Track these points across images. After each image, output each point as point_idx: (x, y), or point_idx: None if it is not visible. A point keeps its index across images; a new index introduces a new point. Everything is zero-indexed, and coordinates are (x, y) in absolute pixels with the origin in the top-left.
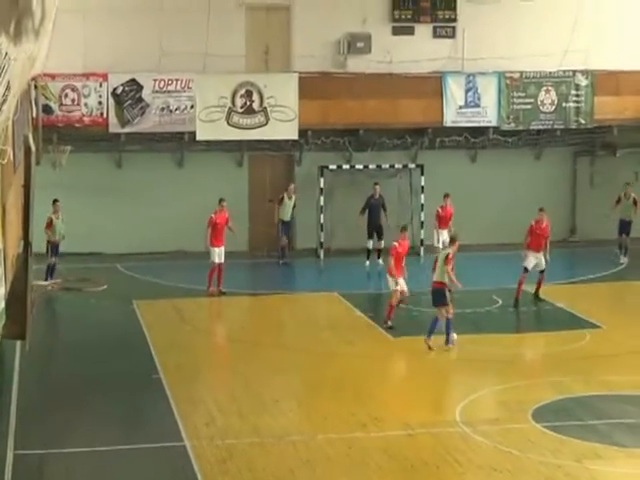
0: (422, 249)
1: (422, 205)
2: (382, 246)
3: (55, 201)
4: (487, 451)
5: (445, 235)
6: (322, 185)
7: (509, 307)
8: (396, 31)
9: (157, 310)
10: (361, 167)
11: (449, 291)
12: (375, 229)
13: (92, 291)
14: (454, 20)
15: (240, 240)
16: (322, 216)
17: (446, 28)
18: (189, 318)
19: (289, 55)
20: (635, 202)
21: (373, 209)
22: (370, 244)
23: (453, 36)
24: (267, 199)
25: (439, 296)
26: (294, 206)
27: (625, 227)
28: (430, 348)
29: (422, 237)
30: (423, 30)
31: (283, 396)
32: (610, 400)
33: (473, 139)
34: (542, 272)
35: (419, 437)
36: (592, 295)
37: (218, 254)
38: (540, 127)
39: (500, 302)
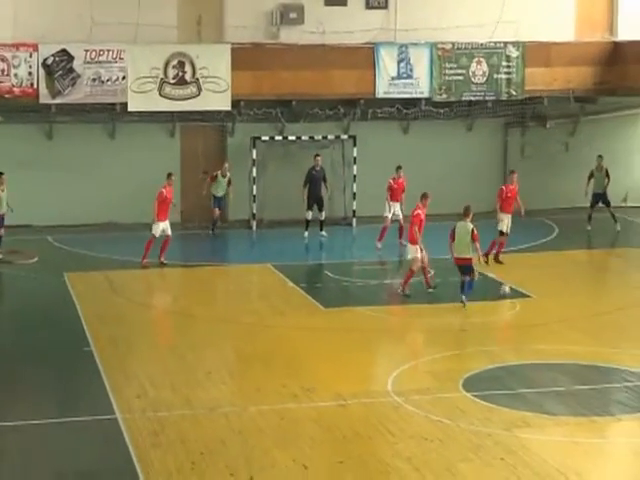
0: (354, 220)
1: (354, 176)
2: (323, 217)
3: (0, 174)
4: (418, 421)
5: (397, 207)
6: (254, 156)
7: (439, 277)
8: (329, 2)
9: (89, 282)
10: (294, 138)
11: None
12: (316, 201)
13: (23, 263)
14: None
15: (173, 210)
16: (254, 187)
17: None
18: (121, 290)
19: (221, 26)
20: (607, 174)
21: (315, 181)
22: (309, 215)
23: (386, 7)
24: (200, 170)
25: (469, 268)
26: (229, 183)
27: (600, 198)
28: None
29: (354, 208)
30: (356, 1)
31: (215, 368)
32: (540, 369)
33: (405, 110)
34: (506, 235)
35: (351, 408)
36: (523, 265)
37: (163, 228)
38: (472, 98)
39: (431, 272)
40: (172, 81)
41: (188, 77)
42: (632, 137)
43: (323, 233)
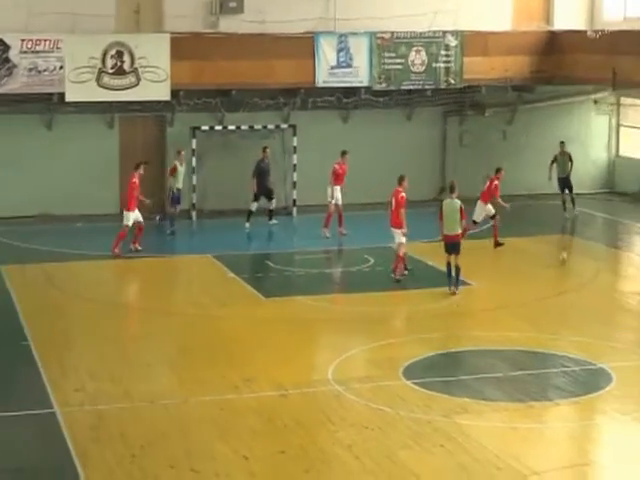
0: (295, 209)
1: (294, 165)
2: (273, 206)
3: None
4: (359, 409)
5: (338, 191)
6: (194, 146)
7: (381, 266)
8: None
9: (25, 275)
10: (233, 128)
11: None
12: (265, 192)
13: None
14: None
15: (111, 202)
16: (195, 177)
17: None
18: (59, 283)
19: (160, 15)
20: (570, 158)
21: (263, 173)
22: (254, 207)
23: None
24: (138, 161)
25: (458, 246)
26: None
27: (565, 182)
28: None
29: (294, 197)
30: None
31: (155, 360)
32: (479, 355)
33: (345, 99)
34: (493, 217)
35: (292, 397)
36: (463, 252)
37: (135, 217)
38: (411, 87)
39: (372, 261)
40: (110, 71)
41: (127, 67)
42: (568, 125)
43: (274, 221)
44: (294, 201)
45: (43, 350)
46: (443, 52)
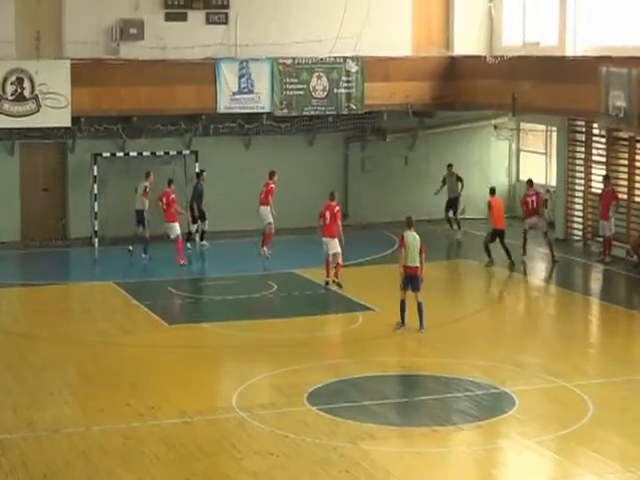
0: (197, 236)
1: None
2: (207, 227)
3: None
4: (264, 436)
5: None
6: (95, 173)
7: (284, 292)
8: (169, 17)
9: None
10: (135, 154)
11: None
12: (201, 214)
13: None
14: (226, 7)
15: (12, 229)
16: (96, 204)
17: (219, 14)
18: None
19: (61, 41)
20: (459, 179)
21: (201, 196)
22: (194, 227)
23: (226, 22)
24: (41, 188)
25: (419, 280)
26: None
27: (454, 203)
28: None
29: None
30: (196, 16)
31: (57, 389)
32: (383, 381)
33: (247, 125)
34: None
35: (196, 425)
36: (364, 278)
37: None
38: (313, 113)
39: (275, 287)
40: (10, 97)
41: (27, 93)
42: (469, 151)
43: (205, 243)
44: (197, 227)
45: None
46: (344, 78)
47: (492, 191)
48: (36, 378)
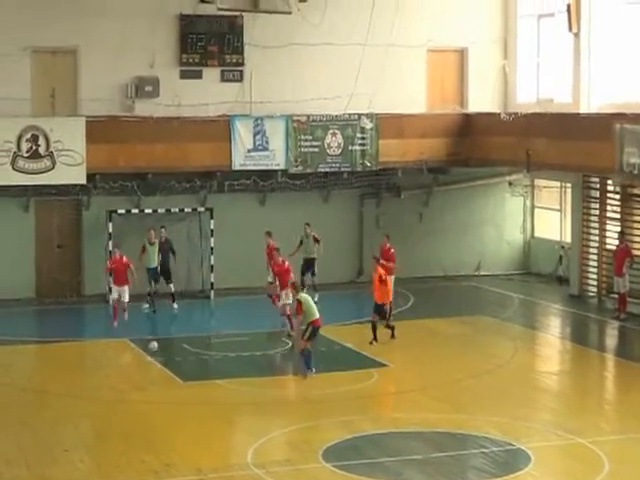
0: (212, 293)
1: (212, 249)
2: (173, 290)
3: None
4: None
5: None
6: (110, 230)
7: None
8: (184, 74)
9: None
10: (150, 211)
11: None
12: (164, 272)
13: None
14: (241, 64)
15: (27, 286)
16: (108, 262)
17: (234, 72)
18: None
19: (76, 99)
20: (316, 239)
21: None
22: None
23: (241, 80)
24: (55, 244)
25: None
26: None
27: (310, 264)
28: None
29: (212, 281)
30: (211, 74)
31: (73, 446)
32: (398, 437)
33: (262, 182)
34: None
35: None
36: (379, 335)
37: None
38: (327, 170)
39: (289, 344)
40: (26, 154)
41: (42, 150)
42: (484, 207)
43: (175, 305)
44: (211, 284)
45: None
46: (359, 135)
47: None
48: (51, 434)
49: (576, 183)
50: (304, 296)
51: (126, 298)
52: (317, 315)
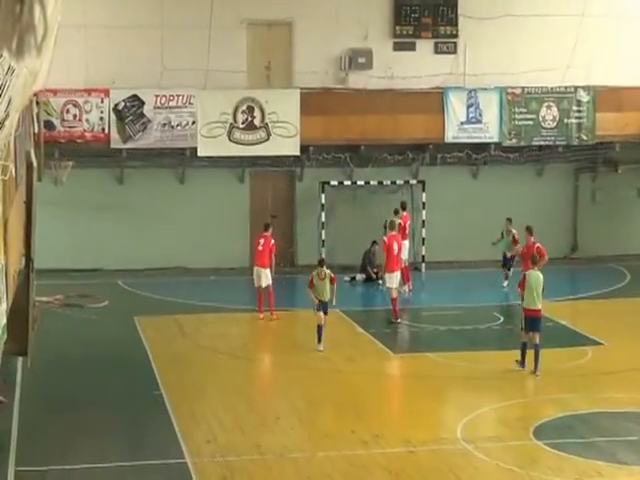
0: (423, 265)
1: (423, 221)
2: None
3: None
4: (488, 469)
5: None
6: (323, 201)
7: (510, 324)
8: (397, 47)
9: (159, 326)
10: (362, 183)
11: None
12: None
13: (93, 307)
14: (455, 36)
15: (241, 255)
16: (323, 232)
17: (447, 44)
18: (191, 334)
19: (290, 71)
20: (515, 240)
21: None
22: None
23: (454, 52)
24: (269, 215)
25: (539, 322)
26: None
27: (508, 260)
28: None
29: (423, 253)
30: (424, 46)
31: (284, 413)
32: (612, 417)
33: (475, 155)
34: None
35: (420, 454)
36: (594, 312)
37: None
38: (542, 143)
39: (501, 319)
40: (241, 126)
41: (257, 122)
42: None
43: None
44: (422, 257)
45: (175, 400)
46: (575, 108)
47: None
48: (264, 402)
49: None
50: (532, 273)
51: None
52: (529, 304)
